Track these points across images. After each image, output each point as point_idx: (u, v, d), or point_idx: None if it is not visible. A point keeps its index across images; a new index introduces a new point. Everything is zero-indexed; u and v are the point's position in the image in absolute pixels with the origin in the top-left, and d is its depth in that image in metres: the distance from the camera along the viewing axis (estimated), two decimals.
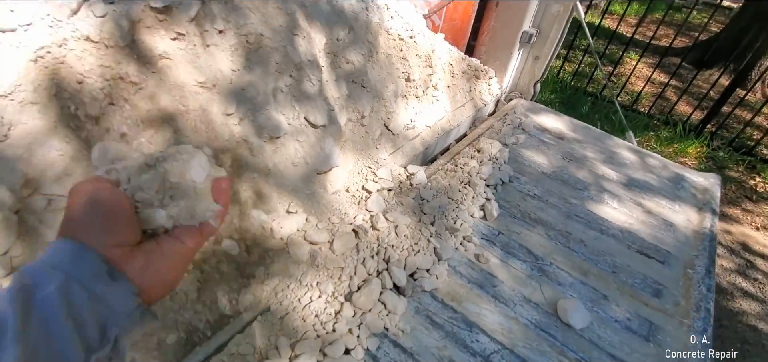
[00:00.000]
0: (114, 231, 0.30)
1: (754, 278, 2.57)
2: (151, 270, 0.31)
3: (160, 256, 0.32)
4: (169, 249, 0.33)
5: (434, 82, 1.36)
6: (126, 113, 0.67)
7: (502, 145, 1.40)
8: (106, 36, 0.66)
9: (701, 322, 0.96)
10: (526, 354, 0.84)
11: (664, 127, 3.61)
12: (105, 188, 0.31)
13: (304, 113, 0.96)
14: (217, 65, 0.77)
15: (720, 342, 2.15)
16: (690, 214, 1.30)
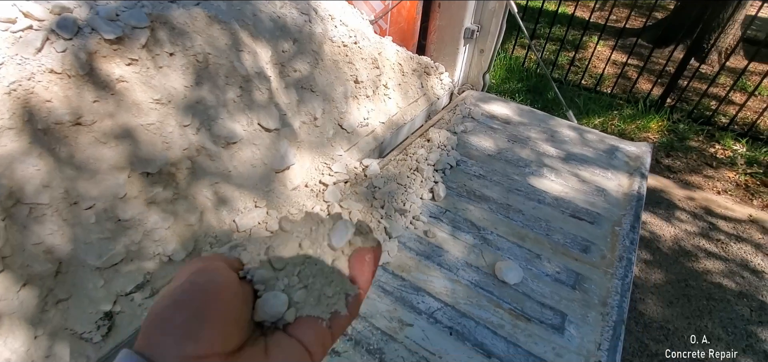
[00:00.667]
0: (198, 337, 0.21)
1: (717, 239, 2.79)
2: None
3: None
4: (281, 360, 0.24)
5: (384, 81, 1.52)
6: (92, 132, 0.80)
7: (451, 133, 1.55)
8: (68, 67, 0.78)
9: (623, 270, 1.12)
10: (467, 308, 0.99)
11: (626, 105, 3.86)
12: (210, 269, 0.24)
13: (257, 119, 1.10)
14: (170, 83, 0.91)
15: (686, 300, 2.34)
16: (621, 180, 1.48)
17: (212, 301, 0.23)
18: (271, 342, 0.25)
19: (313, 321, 0.26)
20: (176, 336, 0.21)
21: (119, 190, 0.81)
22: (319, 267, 0.28)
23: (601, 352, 0.92)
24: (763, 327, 2.20)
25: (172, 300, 0.23)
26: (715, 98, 4.03)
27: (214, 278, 0.24)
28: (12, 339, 0.70)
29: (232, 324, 0.23)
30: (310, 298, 0.27)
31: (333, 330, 0.27)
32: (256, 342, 0.25)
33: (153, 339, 0.22)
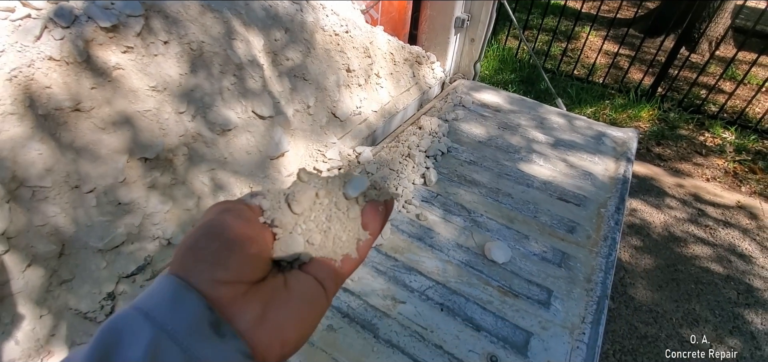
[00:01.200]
0: (228, 264, 0.24)
1: (706, 225, 2.89)
2: (270, 323, 0.25)
3: (285, 303, 0.26)
4: (301, 292, 0.27)
5: (376, 70, 1.56)
6: (90, 118, 0.83)
7: (442, 121, 1.61)
8: (66, 55, 0.82)
9: (607, 249, 1.19)
10: (457, 286, 1.05)
11: (618, 95, 3.95)
12: (235, 210, 0.27)
13: (251, 107, 1.14)
14: (165, 71, 0.95)
15: (675, 284, 2.43)
16: (608, 164, 1.55)
17: (239, 235, 0.25)
18: (289, 276, 0.28)
19: (327, 261, 0.29)
20: (208, 262, 0.24)
21: (119, 175, 0.85)
22: (335, 213, 0.31)
23: (585, 325, 0.98)
24: (749, 309, 2.31)
25: (204, 232, 0.25)
26: (705, 87, 4.14)
27: (240, 216, 0.27)
28: (18, 317, 0.74)
29: (256, 257, 0.26)
30: (326, 241, 0.30)
31: (343, 270, 0.30)
32: (276, 275, 0.28)
33: (187, 264, 0.24)
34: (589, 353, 0.92)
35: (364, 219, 0.31)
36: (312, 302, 0.27)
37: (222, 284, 0.24)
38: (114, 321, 0.22)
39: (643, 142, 3.61)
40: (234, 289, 0.24)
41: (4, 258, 0.72)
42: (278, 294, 0.26)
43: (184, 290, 0.23)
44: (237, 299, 0.24)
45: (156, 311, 0.22)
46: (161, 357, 0.21)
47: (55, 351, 0.78)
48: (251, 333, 0.24)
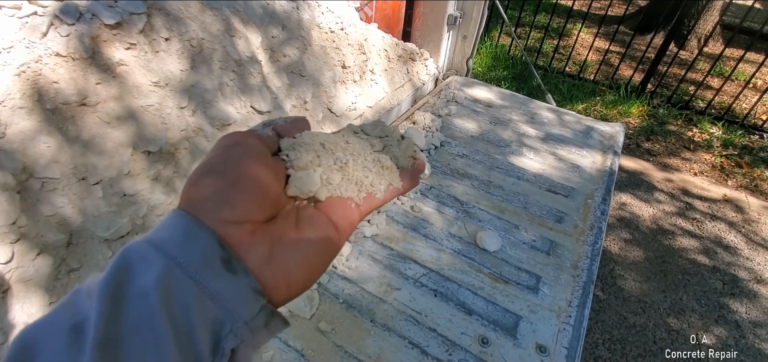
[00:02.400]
0: (234, 203, 0.24)
1: (693, 218, 2.99)
2: (277, 264, 0.24)
3: (293, 245, 0.25)
4: (311, 234, 0.26)
5: (370, 66, 1.61)
6: (96, 112, 0.87)
7: (436, 116, 1.66)
8: (72, 51, 0.86)
9: (593, 237, 1.25)
10: (450, 273, 1.10)
11: (609, 91, 4.04)
12: (244, 143, 0.26)
13: (250, 102, 1.18)
14: (167, 67, 0.98)
15: (663, 275, 2.52)
16: (595, 157, 1.61)
17: (245, 173, 0.25)
18: (301, 215, 0.27)
19: (344, 201, 0.29)
20: (214, 201, 0.24)
21: (123, 167, 0.89)
22: (360, 156, 0.31)
23: (571, 308, 1.04)
24: (734, 299, 2.40)
25: (209, 168, 0.25)
26: (693, 83, 4.25)
27: (247, 152, 0.26)
28: (28, 304, 0.78)
29: (263, 196, 0.25)
30: (344, 181, 0.29)
31: (362, 209, 0.30)
32: (288, 215, 0.27)
33: (194, 201, 0.24)
34: (574, 334, 0.98)
35: (402, 171, 0.33)
36: (322, 245, 0.26)
37: (228, 223, 0.23)
38: (126, 251, 0.21)
39: (633, 137, 3.70)
40: (241, 229, 0.24)
41: (15, 247, 0.75)
42: (287, 234, 0.26)
43: (195, 226, 0.23)
44: (244, 237, 0.24)
45: (167, 244, 0.22)
46: (173, 288, 0.21)
47: None
48: (257, 272, 0.24)
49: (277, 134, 0.30)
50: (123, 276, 0.21)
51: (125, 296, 0.20)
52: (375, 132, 0.34)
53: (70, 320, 0.20)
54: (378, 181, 0.31)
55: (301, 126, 0.31)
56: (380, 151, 0.33)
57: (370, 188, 0.30)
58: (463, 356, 0.92)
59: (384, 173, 0.31)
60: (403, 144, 0.34)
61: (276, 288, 0.24)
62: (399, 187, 0.32)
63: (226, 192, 0.24)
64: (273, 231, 0.25)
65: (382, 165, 0.31)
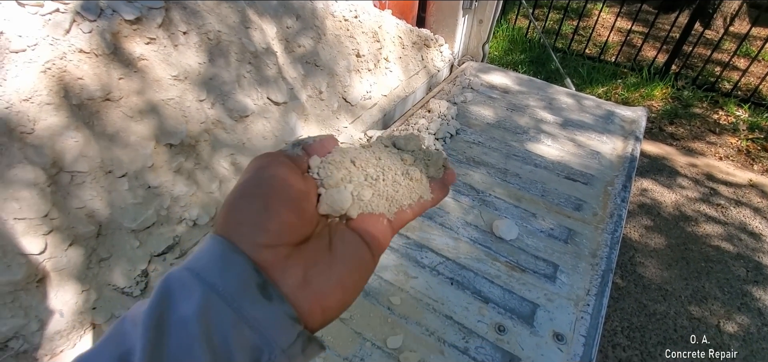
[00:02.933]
0: (268, 227, 0.24)
1: (717, 204, 2.89)
2: (312, 290, 0.24)
3: (328, 268, 0.25)
4: (345, 255, 0.26)
5: (385, 54, 1.59)
6: (120, 107, 0.89)
7: (451, 104, 1.64)
8: (95, 47, 0.87)
9: (613, 225, 1.23)
10: (466, 262, 1.10)
11: (631, 74, 3.90)
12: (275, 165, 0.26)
13: (266, 94, 1.18)
14: (186, 61, 1.00)
15: (685, 263, 2.46)
16: (616, 143, 1.57)
17: (278, 195, 0.25)
18: (334, 234, 0.27)
19: (375, 218, 0.29)
20: (249, 225, 0.24)
21: (147, 160, 0.91)
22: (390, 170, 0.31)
23: (589, 297, 1.03)
24: (758, 286, 2.33)
25: (241, 193, 0.25)
26: (719, 64, 4.06)
27: (279, 173, 0.26)
28: (62, 292, 0.82)
29: (296, 217, 0.25)
30: (375, 197, 0.29)
31: (394, 225, 0.30)
32: (321, 234, 0.27)
33: (230, 226, 0.24)
34: (592, 323, 0.97)
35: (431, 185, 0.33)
36: (356, 266, 0.26)
37: (263, 247, 0.24)
38: (167, 279, 0.22)
39: (656, 121, 3.58)
40: (276, 253, 0.24)
41: (48, 239, 0.79)
42: (321, 257, 0.25)
43: (232, 252, 0.23)
44: (279, 262, 0.24)
45: (205, 271, 0.22)
46: (212, 316, 0.21)
47: (96, 323, 0.85)
48: (293, 297, 0.24)
49: (306, 153, 0.30)
50: (165, 305, 0.21)
51: (167, 325, 0.21)
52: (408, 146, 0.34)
53: (117, 351, 0.21)
54: (408, 194, 0.31)
55: (330, 143, 0.31)
56: (411, 164, 0.33)
57: (401, 203, 0.30)
58: (479, 344, 0.92)
59: (414, 186, 0.31)
60: (433, 155, 0.34)
61: (311, 314, 0.24)
62: (429, 199, 0.32)
63: (260, 216, 0.24)
64: (307, 253, 0.26)
65: (412, 178, 0.31)
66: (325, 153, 0.30)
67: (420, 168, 0.33)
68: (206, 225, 1.00)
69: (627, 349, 1.98)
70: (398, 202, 0.30)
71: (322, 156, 0.30)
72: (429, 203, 0.32)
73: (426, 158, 0.34)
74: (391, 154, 0.32)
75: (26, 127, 0.77)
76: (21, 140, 0.77)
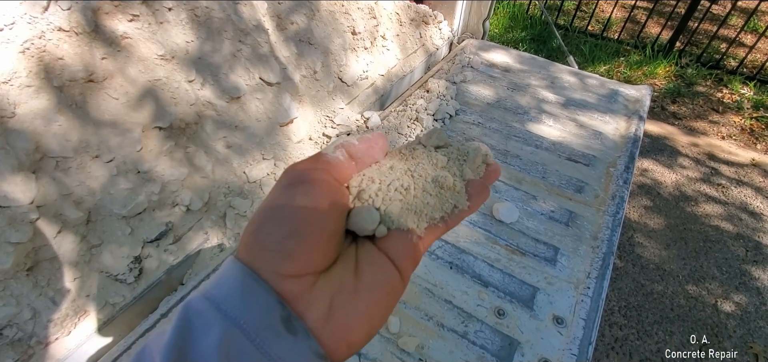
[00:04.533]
0: (295, 253, 0.22)
1: (718, 183, 2.88)
2: (337, 323, 0.23)
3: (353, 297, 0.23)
4: (372, 281, 0.24)
5: (382, 32, 1.54)
6: (104, 88, 0.86)
7: (450, 83, 1.60)
8: (75, 25, 0.83)
9: (614, 206, 1.21)
10: (466, 246, 1.09)
11: (634, 51, 3.82)
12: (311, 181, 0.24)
13: (258, 73, 1.14)
14: (172, 39, 0.95)
15: (683, 243, 2.47)
16: (619, 123, 1.54)
17: (309, 218, 0.22)
18: (361, 256, 0.25)
19: (404, 236, 0.26)
20: (274, 251, 0.22)
21: (136, 144, 0.88)
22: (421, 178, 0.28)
23: (590, 279, 1.02)
24: (757, 266, 2.34)
25: (270, 215, 0.23)
26: (725, 40, 3.98)
27: (313, 192, 0.23)
28: (54, 280, 0.80)
29: (327, 242, 0.23)
30: (404, 211, 0.26)
31: (424, 242, 0.27)
32: (347, 255, 0.25)
33: (253, 251, 0.22)
34: (592, 306, 0.96)
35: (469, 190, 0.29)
36: (384, 294, 0.24)
37: (289, 278, 0.22)
38: (186, 310, 0.21)
39: (658, 100, 3.53)
40: (301, 283, 0.22)
41: (36, 226, 0.76)
42: (347, 283, 0.23)
43: (253, 281, 0.21)
44: (304, 293, 0.22)
45: (227, 302, 0.21)
46: (234, 353, 0.20)
47: (90, 310, 0.84)
48: (318, 332, 0.22)
49: (350, 156, 0.27)
50: (185, 339, 0.20)
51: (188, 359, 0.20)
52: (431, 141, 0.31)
53: None
54: (440, 205, 0.27)
55: (378, 146, 0.28)
56: (443, 167, 0.29)
57: (432, 215, 0.27)
58: (479, 327, 0.92)
59: (446, 195, 0.28)
60: (471, 152, 0.30)
61: (336, 350, 0.23)
62: (465, 208, 0.28)
63: (287, 242, 0.22)
64: (333, 280, 0.24)
65: (443, 186, 0.28)
66: (372, 160, 0.28)
67: (453, 172, 0.29)
68: (199, 210, 0.98)
69: (623, 328, 2.00)
70: (428, 215, 0.27)
71: (367, 163, 0.28)
72: (465, 212, 0.28)
73: (461, 157, 0.30)
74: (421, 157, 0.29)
75: (7, 111, 0.74)
76: (2, 125, 0.73)
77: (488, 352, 0.88)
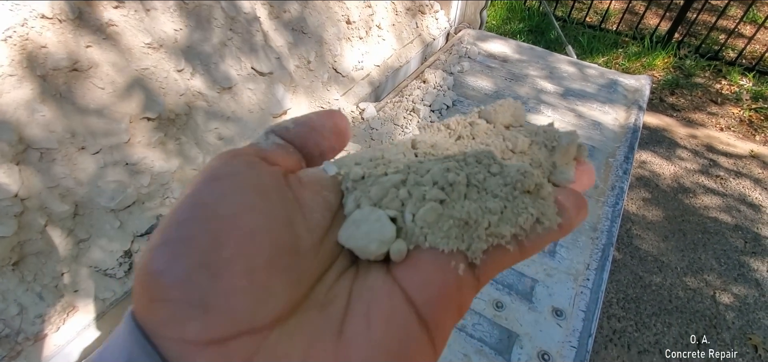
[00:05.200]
0: (213, 302, 0.13)
1: (717, 175, 2.89)
2: None
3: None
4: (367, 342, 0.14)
5: (377, 21, 1.52)
6: (89, 78, 0.83)
7: (447, 74, 1.58)
8: (58, 11, 0.81)
9: (614, 198, 1.20)
10: None
11: (632, 42, 3.81)
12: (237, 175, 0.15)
13: (250, 63, 1.12)
14: (160, 27, 0.93)
15: (682, 235, 2.47)
16: (618, 113, 1.53)
17: (232, 237, 0.14)
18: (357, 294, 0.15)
19: (441, 263, 0.15)
20: (175, 303, 0.13)
21: (123, 135, 0.86)
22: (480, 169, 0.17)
23: (589, 271, 1.02)
24: (756, 257, 2.35)
25: (172, 232, 0.14)
26: (724, 31, 3.98)
27: (241, 190, 0.15)
28: (41, 275, 0.78)
29: (268, 274, 0.14)
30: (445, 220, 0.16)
31: (480, 275, 0.16)
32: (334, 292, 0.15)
33: (148, 302, 0.14)
34: (592, 297, 0.96)
35: (560, 198, 0.18)
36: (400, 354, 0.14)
37: (201, 346, 0.13)
38: None
39: (657, 91, 3.53)
40: (223, 357, 0.13)
41: (21, 219, 0.75)
42: (320, 347, 0.14)
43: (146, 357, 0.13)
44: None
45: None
46: None
47: (79, 306, 0.83)
48: None
49: (290, 143, 0.18)
50: None
51: None
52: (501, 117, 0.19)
53: None
54: (513, 215, 0.16)
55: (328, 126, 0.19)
56: (522, 153, 0.19)
57: (499, 232, 0.16)
58: (477, 320, 0.91)
59: (525, 201, 0.17)
60: (562, 136, 0.20)
61: None
62: (554, 227, 0.17)
63: (196, 282, 0.13)
64: (292, 346, 0.14)
65: (522, 184, 0.17)
66: (321, 147, 0.19)
67: (539, 167, 0.18)
68: None
69: (622, 320, 2.01)
70: (492, 231, 0.16)
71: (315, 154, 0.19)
72: (554, 234, 0.18)
73: (548, 142, 0.19)
74: (485, 137, 0.19)
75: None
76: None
77: (486, 345, 0.87)
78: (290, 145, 0.19)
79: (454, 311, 0.15)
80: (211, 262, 0.13)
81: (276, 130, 0.19)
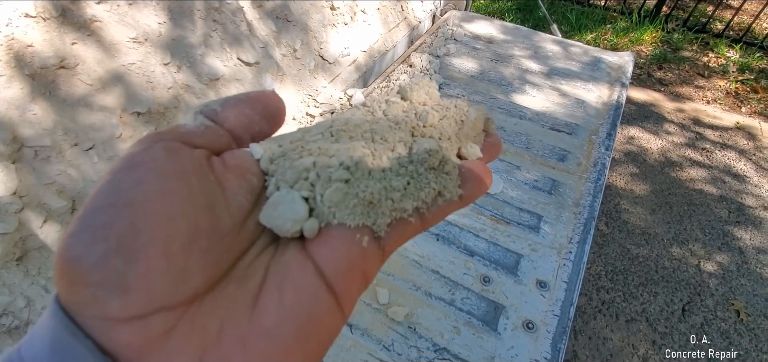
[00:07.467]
0: (132, 283, 0.14)
1: (703, 147, 2.99)
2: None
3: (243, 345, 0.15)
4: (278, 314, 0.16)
5: (362, 6, 1.54)
6: (76, 74, 0.86)
7: (433, 57, 1.62)
8: (41, 10, 0.83)
9: (596, 173, 1.27)
10: (452, 217, 1.13)
11: (620, 18, 3.86)
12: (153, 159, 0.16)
13: (236, 54, 1.15)
14: (144, 20, 0.95)
15: (668, 207, 2.57)
16: (602, 91, 1.58)
17: (148, 221, 0.15)
18: (273, 269, 0.17)
19: (347, 237, 0.17)
20: (96, 285, 0.14)
21: (114, 130, 0.89)
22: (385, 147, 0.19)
23: (572, 245, 1.09)
24: (739, 226, 2.46)
25: (82, 226, 0.14)
26: (712, 2, 4.05)
27: (158, 173, 0.15)
28: (45, 269, 0.82)
29: (187, 254, 0.15)
30: (351, 198, 0.17)
31: (384, 245, 0.18)
32: (253, 268, 0.17)
33: (70, 285, 0.14)
34: (574, 269, 1.03)
35: (463, 171, 0.20)
36: (300, 333, 0.15)
37: (122, 323, 0.14)
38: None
39: (644, 66, 3.60)
40: (145, 329, 0.14)
41: (21, 216, 0.78)
42: (235, 320, 0.15)
43: (69, 336, 0.14)
44: (151, 345, 0.14)
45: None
46: None
47: None
48: None
49: (217, 123, 0.19)
50: None
51: None
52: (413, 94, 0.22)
53: None
54: (416, 191, 0.18)
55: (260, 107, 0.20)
56: (425, 129, 0.21)
57: (402, 206, 0.18)
58: (465, 295, 0.97)
59: (428, 176, 0.19)
60: (470, 113, 0.22)
61: None
62: (455, 198, 0.19)
63: (113, 266, 0.14)
64: (209, 319, 0.15)
65: (425, 161, 0.19)
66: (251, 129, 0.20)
67: (437, 137, 0.20)
68: None
69: (610, 291, 2.11)
70: (394, 206, 0.18)
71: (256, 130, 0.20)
72: (455, 204, 0.20)
73: (458, 117, 0.21)
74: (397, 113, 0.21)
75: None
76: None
77: (474, 317, 0.94)
78: (220, 127, 0.19)
79: (360, 279, 0.17)
80: (129, 246, 0.14)
81: (204, 110, 0.19)
